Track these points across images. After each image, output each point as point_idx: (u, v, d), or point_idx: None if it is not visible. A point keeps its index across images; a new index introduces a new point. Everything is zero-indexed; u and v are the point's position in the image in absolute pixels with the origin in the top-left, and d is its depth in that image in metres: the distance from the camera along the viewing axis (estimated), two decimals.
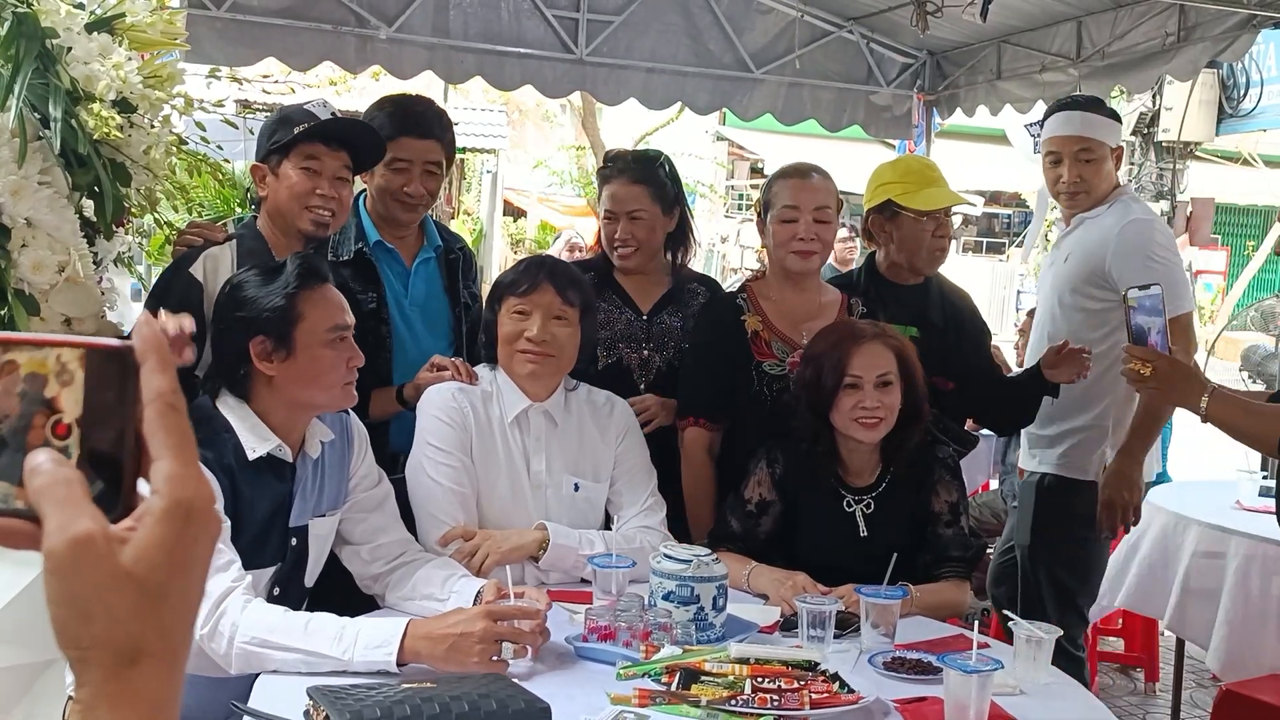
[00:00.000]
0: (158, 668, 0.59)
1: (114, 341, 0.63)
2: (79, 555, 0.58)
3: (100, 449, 0.62)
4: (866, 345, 2.62)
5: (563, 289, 2.59)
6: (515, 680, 1.95)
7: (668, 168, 3.23)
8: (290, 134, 2.68)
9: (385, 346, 2.96)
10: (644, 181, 3.14)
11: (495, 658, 1.98)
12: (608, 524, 2.71)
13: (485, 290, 2.97)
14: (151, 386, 0.62)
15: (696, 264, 3.64)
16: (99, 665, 0.59)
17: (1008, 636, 2.31)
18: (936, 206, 3.22)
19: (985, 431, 4.57)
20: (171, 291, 2.55)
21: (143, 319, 0.64)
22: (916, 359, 2.69)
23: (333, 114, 2.76)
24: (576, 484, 2.65)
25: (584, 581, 2.51)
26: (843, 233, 7.17)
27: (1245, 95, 11.00)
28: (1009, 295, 17.29)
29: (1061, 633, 2.18)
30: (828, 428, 2.64)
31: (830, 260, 3.35)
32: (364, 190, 3.11)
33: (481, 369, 2.70)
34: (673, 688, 1.93)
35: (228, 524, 2.10)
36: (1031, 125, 11.43)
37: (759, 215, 3.10)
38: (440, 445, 2.55)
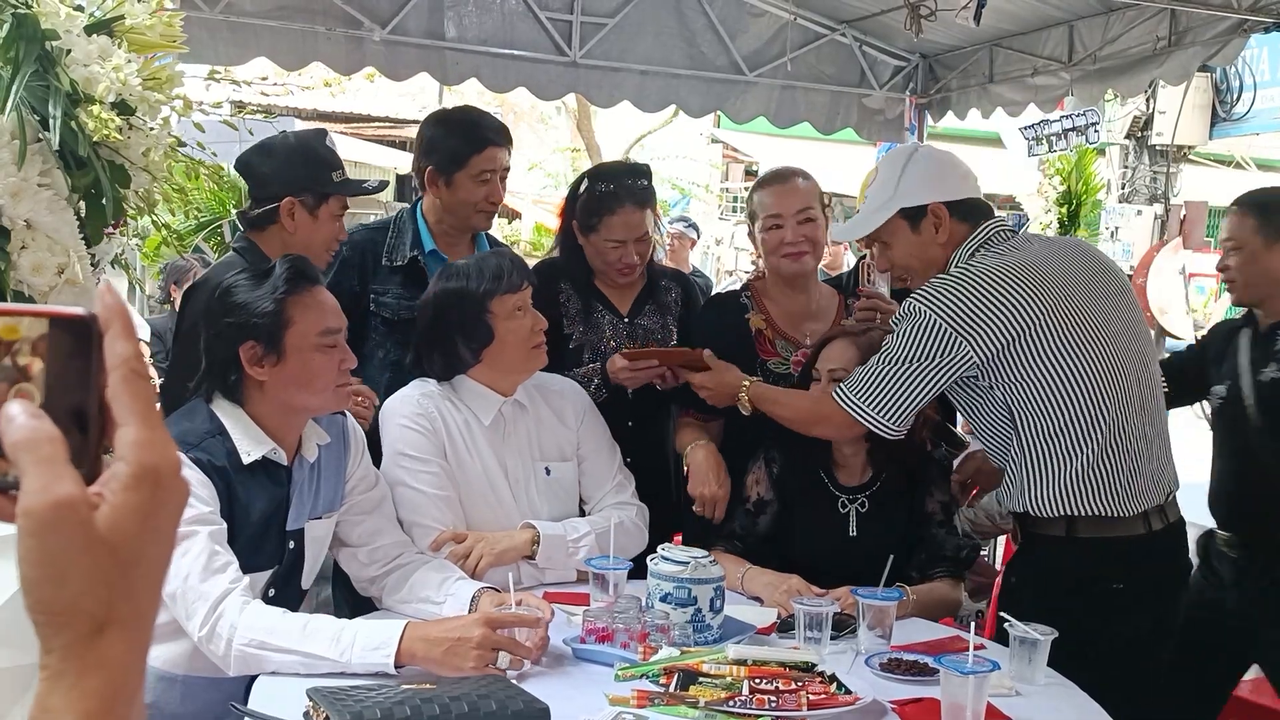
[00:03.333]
0: (125, 635, 0.59)
1: (77, 310, 0.63)
2: (60, 519, 0.58)
3: (64, 416, 0.61)
4: (834, 341, 2.70)
5: (532, 277, 2.67)
6: (514, 681, 1.95)
7: (652, 181, 3.21)
8: (333, 183, 2.92)
9: None
10: (647, 204, 3.10)
11: (491, 665, 1.98)
12: (582, 508, 2.75)
13: None
14: (115, 352, 0.61)
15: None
16: (68, 631, 0.58)
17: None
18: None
19: None
20: None
21: (104, 287, 0.64)
22: None
23: (338, 153, 3.08)
24: (548, 468, 2.67)
25: (581, 581, 2.51)
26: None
27: (1238, 99, 11.02)
28: None
29: (1056, 634, 2.18)
30: None
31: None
32: (419, 199, 3.22)
33: (420, 384, 2.64)
34: (671, 689, 1.94)
35: (224, 527, 2.10)
36: (1026, 128, 11.46)
37: (750, 225, 3.11)
38: (416, 453, 2.54)
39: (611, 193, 3.07)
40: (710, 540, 2.66)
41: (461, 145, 3.09)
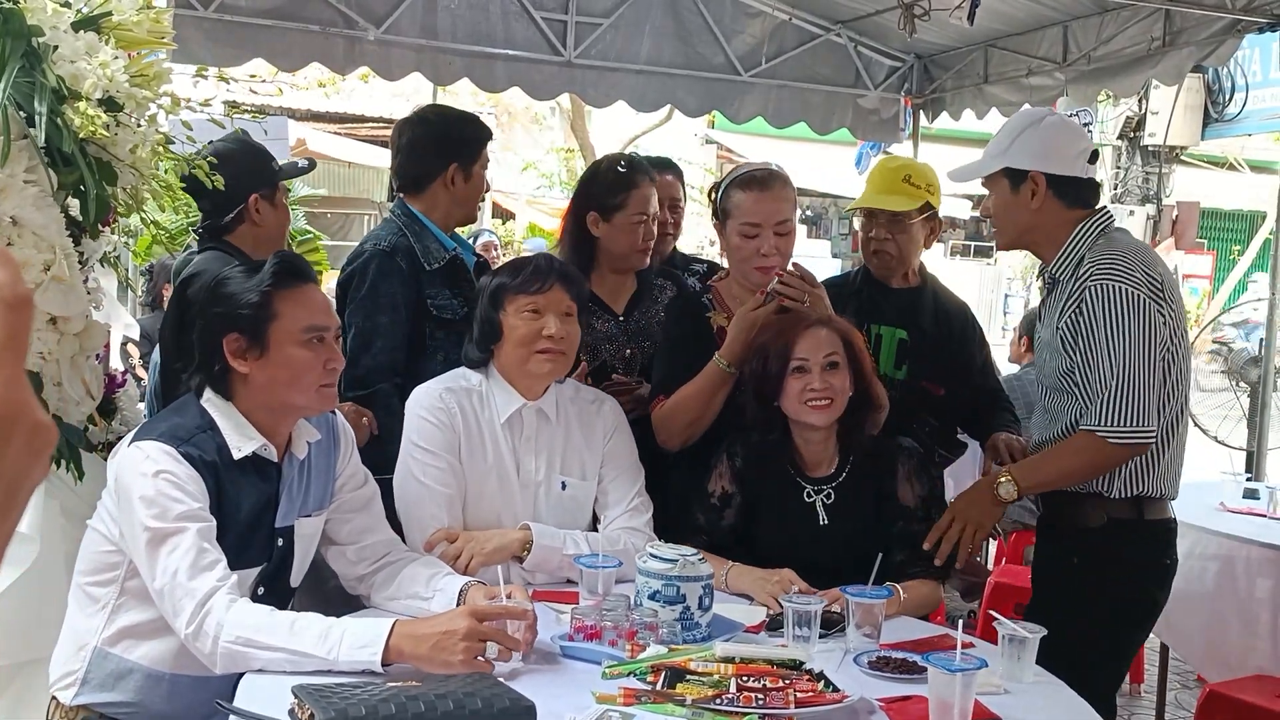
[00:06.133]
0: None
1: None
2: None
3: None
4: (812, 329, 2.65)
5: (569, 287, 2.61)
6: (500, 679, 1.95)
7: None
8: (276, 171, 3.21)
9: None
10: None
11: (480, 657, 1.98)
12: (595, 524, 2.71)
13: None
14: None
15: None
16: None
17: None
18: (856, 206, 3.34)
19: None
20: None
21: None
22: (864, 347, 2.74)
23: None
24: (564, 482, 2.65)
25: (570, 581, 2.51)
26: None
27: (1230, 100, 11.04)
28: (997, 299, 17.36)
29: (1045, 632, 2.18)
30: (780, 418, 2.66)
31: None
32: (401, 201, 3.23)
33: (453, 376, 2.66)
34: (658, 686, 1.94)
35: (213, 524, 2.10)
36: None
37: (714, 214, 3.04)
38: (427, 446, 2.54)
39: (629, 170, 3.21)
40: (679, 537, 2.64)
41: (476, 138, 3.19)
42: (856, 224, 3.44)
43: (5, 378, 0.57)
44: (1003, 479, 2.68)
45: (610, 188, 3.19)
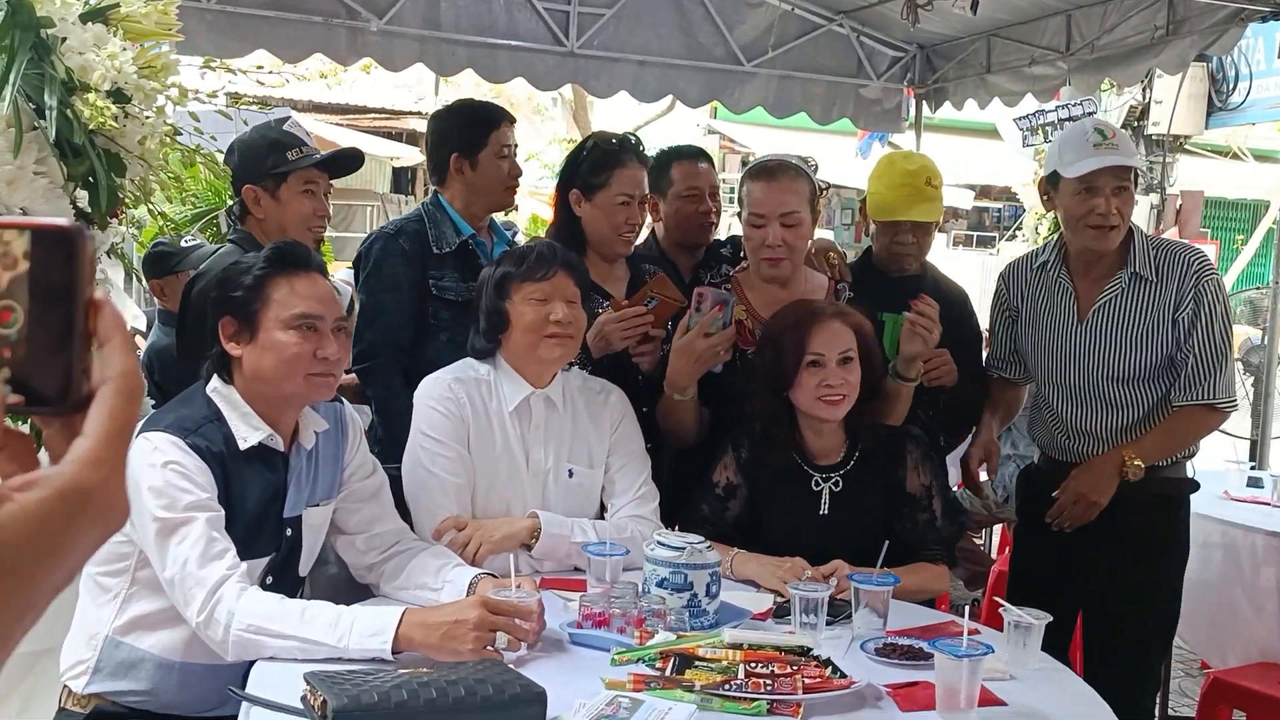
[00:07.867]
0: None
1: (62, 221, 0.60)
2: None
3: (46, 335, 0.58)
4: (826, 323, 2.63)
5: (573, 273, 2.62)
6: (511, 666, 1.96)
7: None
8: (287, 161, 3.01)
9: None
10: (646, 165, 3.27)
11: (489, 647, 1.99)
12: (603, 512, 2.73)
13: None
14: (113, 364, 0.59)
15: None
16: None
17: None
18: (887, 218, 3.27)
19: None
20: None
21: (102, 298, 0.62)
22: (875, 337, 2.73)
23: (302, 133, 3.13)
24: (571, 470, 2.66)
25: (578, 569, 2.52)
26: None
27: (1234, 89, 11.02)
28: None
29: (1050, 619, 2.20)
30: (787, 409, 2.65)
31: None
32: (434, 193, 3.33)
33: (460, 367, 2.67)
34: (667, 673, 1.95)
35: (221, 513, 2.11)
36: (1021, 119, 11.44)
37: (737, 204, 3.06)
38: (436, 436, 2.56)
39: (616, 148, 3.17)
40: (682, 526, 2.65)
41: (478, 126, 3.26)
42: (874, 225, 3.38)
43: (116, 466, 0.58)
44: (1131, 460, 2.92)
45: (595, 165, 3.13)
